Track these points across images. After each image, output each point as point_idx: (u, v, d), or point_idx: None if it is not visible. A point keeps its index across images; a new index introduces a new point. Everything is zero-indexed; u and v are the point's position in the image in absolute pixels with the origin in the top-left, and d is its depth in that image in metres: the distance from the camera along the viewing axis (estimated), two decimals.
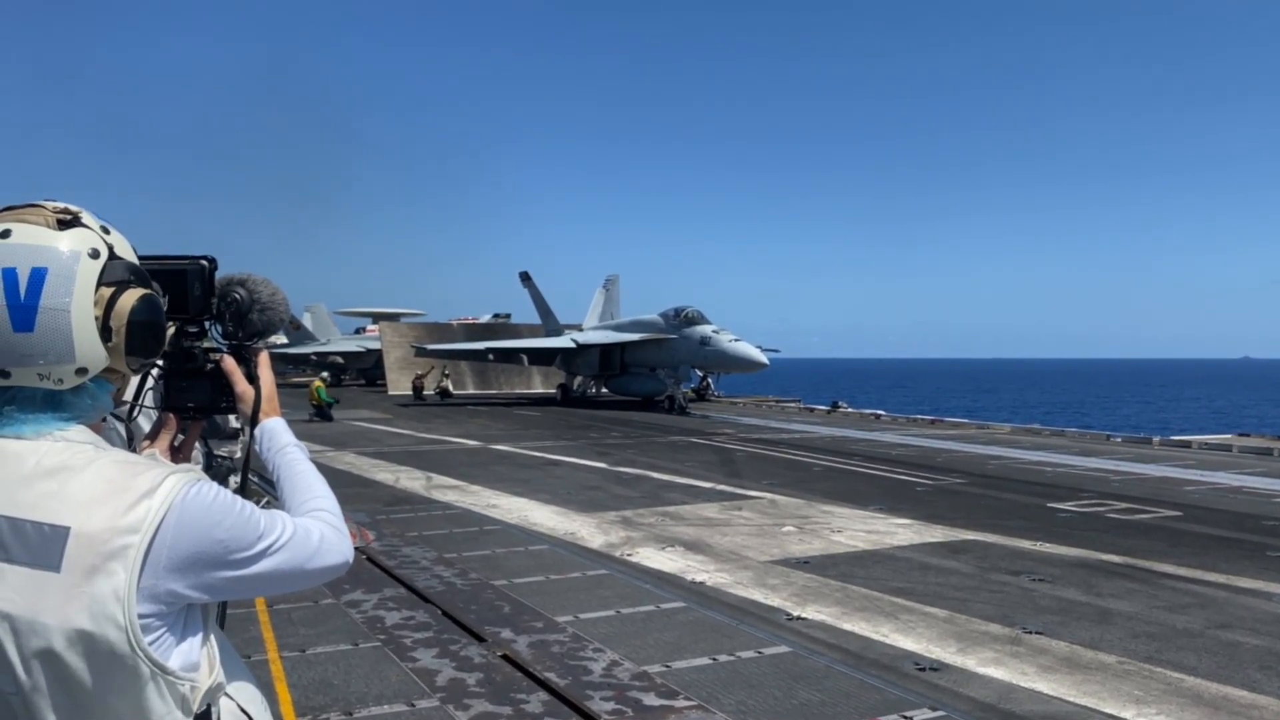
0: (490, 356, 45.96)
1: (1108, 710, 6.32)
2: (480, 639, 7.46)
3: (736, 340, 37.39)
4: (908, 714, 6.01)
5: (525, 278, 51.84)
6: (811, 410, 40.31)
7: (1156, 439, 27.94)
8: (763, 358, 37.34)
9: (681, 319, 38.89)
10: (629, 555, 10.96)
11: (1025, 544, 11.95)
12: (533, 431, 27.92)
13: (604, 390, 45.15)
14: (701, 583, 9.72)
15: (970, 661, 7.30)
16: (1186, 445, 26.34)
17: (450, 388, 44.60)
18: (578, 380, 45.64)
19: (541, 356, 45.64)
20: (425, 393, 44.15)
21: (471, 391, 49.09)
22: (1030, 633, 8.07)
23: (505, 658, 7.00)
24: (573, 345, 43.25)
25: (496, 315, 63.82)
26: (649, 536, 12.08)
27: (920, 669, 7.09)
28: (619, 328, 44.21)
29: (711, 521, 13.23)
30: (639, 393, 41.48)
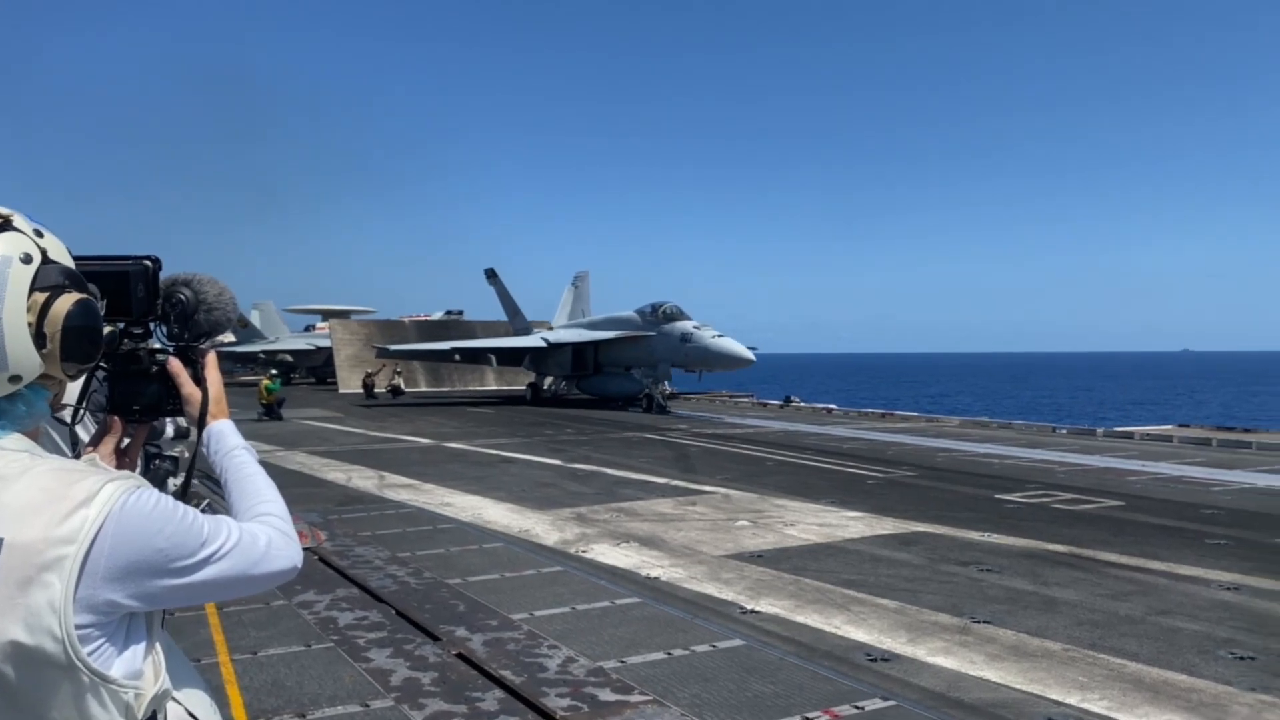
0: (456, 357, 43.99)
1: (1053, 696, 6.46)
2: (435, 638, 7.42)
3: (719, 336, 35.85)
4: (859, 704, 6.09)
5: (491, 275, 50.16)
6: (765, 405, 40.55)
7: (1100, 430, 28.56)
8: (748, 354, 35.68)
9: (659, 315, 37.30)
10: (584, 552, 10.97)
11: (974, 535, 12.16)
12: (486, 429, 27.79)
13: (575, 390, 43.18)
14: (656, 578, 9.76)
15: (920, 651, 7.42)
16: (1129, 436, 26.96)
17: (402, 385, 44.20)
18: (548, 380, 43.66)
19: (510, 356, 43.42)
20: (376, 391, 43.72)
21: (424, 389, 48.72)
22: (979, 622, 8.22)
23: (460, 656, 6.97)
24: (543, 344, 41.19)
25: (449, 312, 63.42)
26: (604, 533, 12.10)
27: (872, 659, 7.19)
28: (592, 325, 42.47)
29: (666, 517, 13.28)
30: (615, 393, 39.62)
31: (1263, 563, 10.71)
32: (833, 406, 38.76)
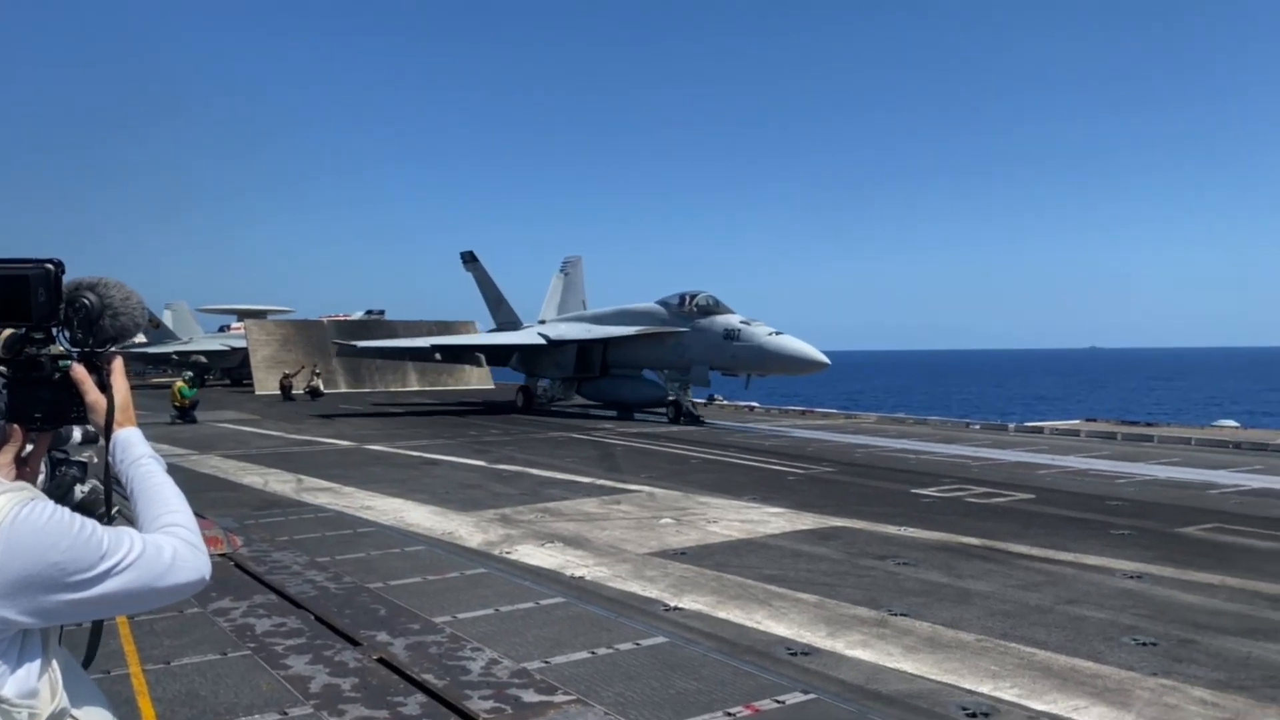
0: (438, 356, 38.20)
1: (966, 686, 6.65)
2: (355, 643, 7.32)
3: (777, 334, 29.02)
4: (780, 698, 6.18)
5: (469, 259, 44.00)
6: None
7: (1012, 425, 29.41)
8: (820, 356, 28.58)
9: (691, 308, 31.35)
10: (508, 553, 10.93)
11: (891, 529, 12.43)
12: (408, 430, 27.44)
13: (575, 395, 36.70)
14: (581, 577, 9.77)
15: (839, 644, 7.56)
16: (1039, 431, 27.81)
17: (321, 387, 43.38)
18: (542, 384, 37.14)
19: (496, 355, 37.67)
20: (294, 393, 42.84)
21: (343, 390, 47.86)
22: (895, 615, 8.40)
23: (381, 661, 6.89)
24: (542, 341, 35.06)
25: (370, 312, 62.41)
26: (528, 533, 12.06)
27: (792, 654, 7.31)
28: (598, 319, 36.20)
29: (591, 516, 13.29)
30: (629, 399, 33.80)
31: (1163, 551, 11.17)
32: (755, 404, 39.16)
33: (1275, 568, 10.37)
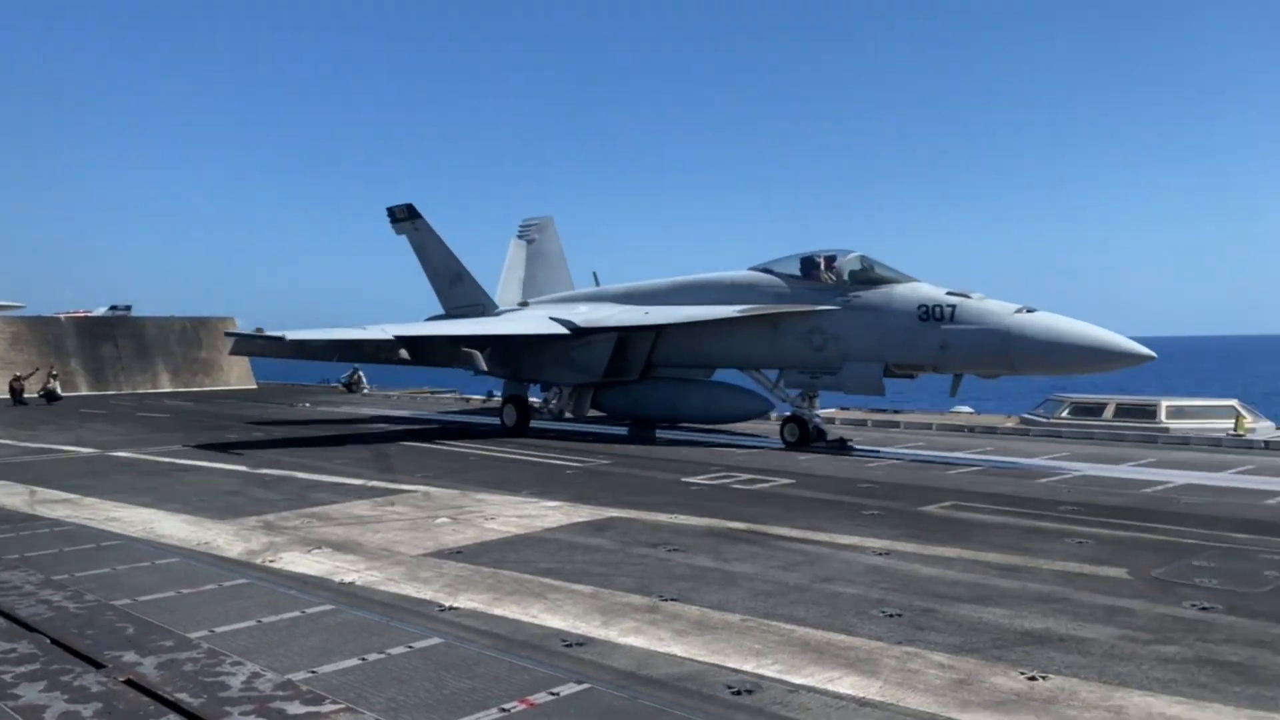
0: (403, 353, 26.06)
1: (732, 665, 6.95)
2: (98, 665, 6.75)
3: (1028, 310, 18.85)
4: (555, 690, 6.24)
5: (404, 216, 31.72)
6: (468, 400, 40.25)
7: (774, 415, 30.97)
8: (1132, 345, 18.36)
9: (834, 274, 21.56)
10: (271, 561, 10.43)
11: (662, 517, 12.82)
12: (160, 435, 25.57)
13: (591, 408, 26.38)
14: (351, 583, 9.47)
15: (613, 633, 7.72)
16: None
17: (59, 389, 39.72)
18: (548, 393, 28.78)
19: (474, 349, 26.05)
20: (27, 396, 38.99)
21: (84, 393, 43.95)
22: (666, 600, 8.68)
23: (129, 683, 6.39)
24: (563, 331, 25.01)
25: (114, 307, 57.66)
26: (294, 540, 11.55)
27: (567, 645, 7.39)
28: (635, 297, 26.13)
29: (362, 519, 12.91)
30: (695, 413, 24.00)
31: (908, 529, 12.12)
32: (536, 401, 39.04)
33: (1002, 540, 11.49)
